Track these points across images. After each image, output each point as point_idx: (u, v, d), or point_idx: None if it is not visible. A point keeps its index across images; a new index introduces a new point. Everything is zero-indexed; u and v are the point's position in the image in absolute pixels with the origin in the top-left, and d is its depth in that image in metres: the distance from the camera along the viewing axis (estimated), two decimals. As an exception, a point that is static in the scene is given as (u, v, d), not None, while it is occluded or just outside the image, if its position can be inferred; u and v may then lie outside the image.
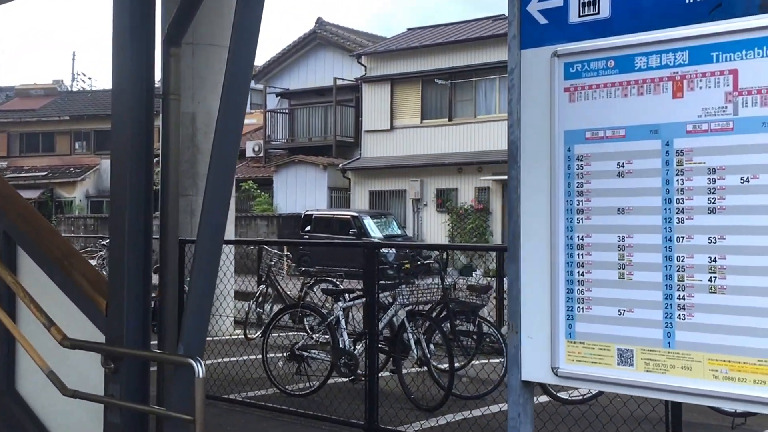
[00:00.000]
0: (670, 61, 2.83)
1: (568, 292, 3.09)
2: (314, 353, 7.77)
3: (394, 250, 24.42)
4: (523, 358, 3.21)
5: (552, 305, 3.11)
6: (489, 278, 23.20)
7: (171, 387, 3.86)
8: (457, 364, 7.51)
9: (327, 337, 7.82)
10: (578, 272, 3.06)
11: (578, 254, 3.06)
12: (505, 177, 23.09)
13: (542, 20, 3.16)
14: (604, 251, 2.99)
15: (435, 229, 27.42)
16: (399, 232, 26.16)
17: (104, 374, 4.14)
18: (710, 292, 2.74)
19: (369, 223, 25.49)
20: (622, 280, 2.95)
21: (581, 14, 3.05)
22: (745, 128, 2.67)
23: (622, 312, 2.95)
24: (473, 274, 23.81)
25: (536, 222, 3.17)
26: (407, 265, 23.32)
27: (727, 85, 2.71)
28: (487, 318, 8.66)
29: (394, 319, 7.41)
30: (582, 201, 3.05)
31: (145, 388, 4.18)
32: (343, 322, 7.59)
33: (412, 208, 28.10)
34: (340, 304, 7.59)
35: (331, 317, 7.66)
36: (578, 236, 3.06)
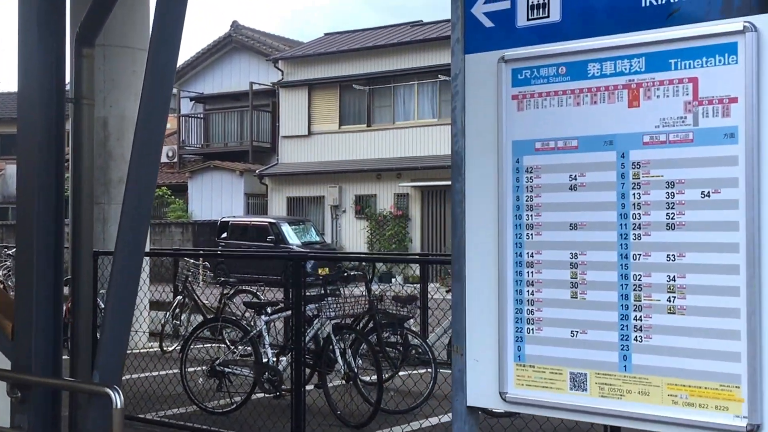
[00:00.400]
0: (626, 69, 2.68)
1: (516, 312, 2.91)
2: (236, 369, 7.44)
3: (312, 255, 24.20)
4: (468, 382, 3.01)
5: (500, 326, 2.93)
6: (409, 284, 23.13)
7: (85, 415, 3.53)
8: (384, 375, 7.30)
9: (249, 348, 7.51)
10: (528, 291, 2.88)
11: (528, 272, 2.89)
12: (424, 183, 23.11)
13: (488, 23, 2.97)
14: (556, 269, 2.82)
15: (354, 235, 27.20)
16: (317, 239, 25.85)
17: (11, 403, 3.77)
18: (669, 313, 2.60)
19: (287, 230, 25.11)
20: (574, 300, 2.78)
21: (530, 18, 2.88)
22: (706, 140, 2.53)
23: (575, 333, 2.78)
24: (392, 281, 23.72)
25: (483, 238, 2.98)
26: (326, 271, 23.02)
27: (687, 94, 2.57)
28: (413, 329, 8.49)
29: (320, 332, 7.15)
30: (532, 216, 2.87)
31: (56, 417, 3.82)
32: (266, 336, 7.29)
33: (330, 215, 27.82)
34: (263, 317, 7.29)
35: (254, 331, 7.35)
36: (528, 253, 2.88)
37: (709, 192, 2.53)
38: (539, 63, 2.85)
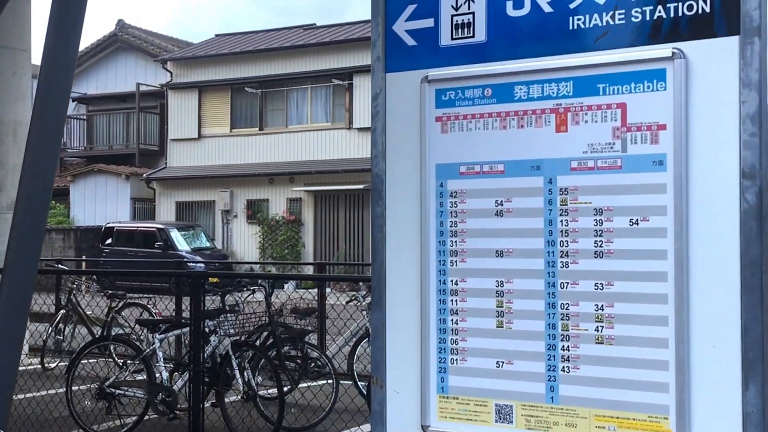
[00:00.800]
0: (553, 92, 2.61)
1: (440, 342, 2.80)
2: (127, 390, 7.09)
3: (202, 263, 23.64)
4: (388, 415, 2.89)
5: (422, 356, 2.81)
6: (303, 291, 22.89)
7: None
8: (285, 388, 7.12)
9: (141, 367, 7.17)
10: (452, 320, 2.78)
11: (452, 300, 2.78)
12: (318, 188, 23.05)
13: (411, 41, 2.86)
14: (481, 297, 2.73)
15: (245, 241, 26.77)
16: (208, 244, 25.32)
17: None
18: (597, 343, 2.54)
19: (176, 236, 24.49)
20: (500, 329, 2.70)
21: (454, 37, 2.78)
22: (634, 167, 2.49)
23: (501, 364, 2.70)
24: (284, 287, 23.44)
25: (404, 264, 2.86)
26: (215, 279, 22.55)
27: (615, 120, 2.52)
28: (312, 341, 8.34)
29: (218, 349, 6.89)
30: (456, 242, 2.77)
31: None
32: (160, 354, 6.97)
33: (221, 220, 27.30)
34: (157, 335, 6.96)
35: (147, 350, 7.02)
36: (452, 281, 2.78)
37: (637, 220, 2.48)
38: (464, 84, 2.76)
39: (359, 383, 8.03)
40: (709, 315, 2.38)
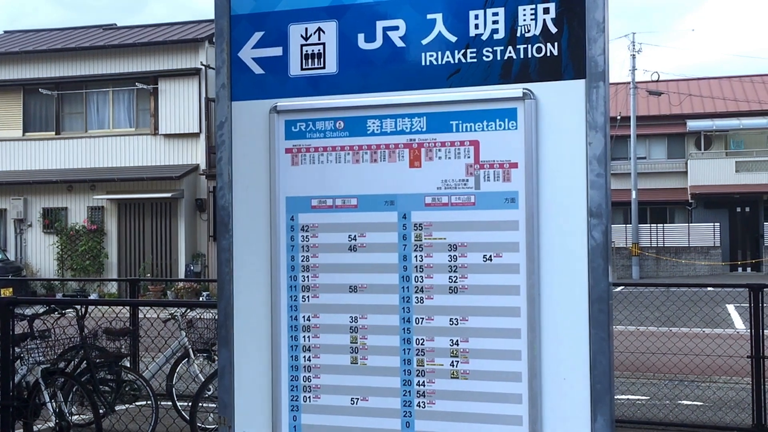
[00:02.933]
0: (407, 127, 2.61)
1: (292, 380, 2.72)
2: None
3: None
4: (238, 457, 2.77)
5: (273, 395, 2.73)
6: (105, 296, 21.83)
7: None
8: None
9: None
10: (304, 357, 2.71)
11: (304, 336, 2.72)
12: (121, 196, 21.92)
13: (258, 70, 2.76)
14: (335, 333, 2.68)
15: (42, 251, 25.17)
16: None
17: None
18: (452, 378, 2.56)
19: (-38, 247, 22.60)
20: (355, 366, 2.66)
21: (304, 67, 2.72)
22: (488, 203, 2.53)
23: (356, 401, 2.66)
24: (89, 296, 22.27)
25: (253, 300, 2.76)
26: (9, 291, 20.99)
27: (468, 157, 2.55)
28: (127, 365, 7.94)
29: (26, 378, 6.39)
30: (308, 277, 2.71)
31: None
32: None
33: (14, 229, 25.49)
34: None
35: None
36: (304, 316, 2.72)
37: (491, 256, 2.53)
38: (315, 116, 2.70)
39: (178, 404, 7.74)
40: (559, 349, 2.46)
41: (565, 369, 2.45)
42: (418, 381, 2.60)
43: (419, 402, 2.60)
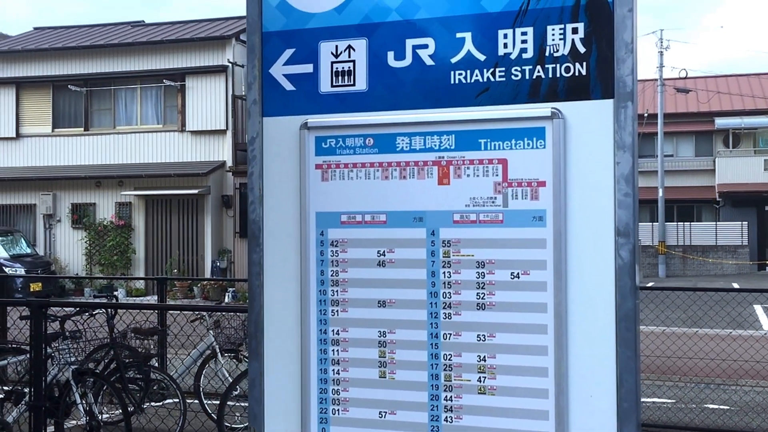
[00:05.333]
0: (436, 145, 2.64)
1: (321, 392, 2.77)
2: (-48, 425, 6.56)
3: (22, 269, 22.29)
4: (267, 467, 2.82)
5: (302, 408, 2.77)
6: (134, 298, 22.04)
7: None
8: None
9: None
10: (333, 370, 2.75)
11: (333, 350, 2.76)
12: (148, 192, 22.20)
13: (289, 86, 2.80)
14: (363, 347, 2.72)
15: (70, 246, 25.47)
16: (28, 251, 23.90)
17: None
18: (479, 393, 2.59)
19: (-7, 242, 22.94)
20: (383, 380, 2.70)
21: (334, 84, 2.75)
22: (515, 221, 2.56)
23: (384, 414, 2.70)
24: (114, 294, 22.50)
25: (283, 313, 2.80)
26: (38, 286, 21.26)
27: (497, 175, 2.58)
28: (155, 364, 8.05)
29: (58, 378, 6.50)
30: (338, 291, 2.75)
31: None
32: (-9, 385, 6.50)
33: (43, 225, 25.82)
34: (-13, 364, 6.48)
35: (-25, 381, 6.52)
36: (333, 330, 2.76)
37: (518, 273, 2.55)
38: (345, 132, 2.74)
39: (205, 403, 7.84)
40: (586, 366, 2.48)
41: (592, 386, 2.47)
42: (446, 396, 2.63)
43: (446, 417, 2.63)
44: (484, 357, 2.59)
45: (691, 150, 36.89)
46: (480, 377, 2.59)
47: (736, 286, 26.09)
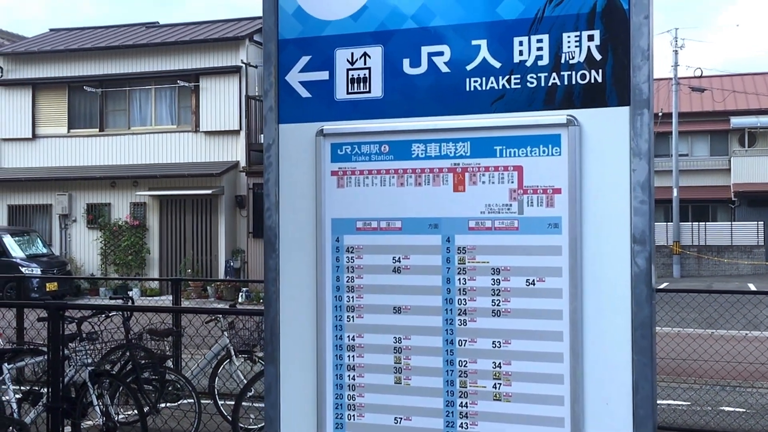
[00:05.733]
0: (451, 152, 2.65)
1: (336, 398, 2.78)
2: (-30, 426, 6.61)
3: (38, 268, 22.43)
4: (283, 471, 2.84)
5: (318, 413, 2.78)
6: (148, 298, 22.12)
7: None
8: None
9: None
10: (348, 376, 2.77)
11: (348, 356, 2.77)
12: (163, 192, 22.28)
13: (305, 93, 2.82)
14: (379, 353, 2.73)
15: (86, 246, 25.64)
16: (44, 250, 24.09)
17: None
18: (495, 400, 2.60)
19: (9, 242, 23.15)
20: (398, 385, 2.71)
21: (350, 91, 2.76)
22: (531, 228, 2.56)
23: (399, 420, 2.71)
24: (129, 294, 22.63)
25: (299, 319, 2.82)
26: (54, 286, 21.37)
27: (512, 182, 2.58)
28: (170, 365, 8.09)
29: (75, 379, 6.55)
30: (353, 297, 2.76)
31: None
32: (9, 384, 6.54)
33: (59, 224, 25.99)
34: (6, 365, 6.53)
35: (-6, 381, 6.57)
36: (348, 336, 2.77)
37: (534, 280, 2.56)
38: (360, 139, 2.75)
39: (219, 404, 7.88)
40: (602, 373, 2.48)
41: (608, 394, 2.47)
42: (461, 402, 2.64)
43: (462, 423, 2.64)
44: (500, 363, 2.59)
45: (706, 149, 36.72)
46: (495, 384, 2.60)
47: (752, 286, 25.97)
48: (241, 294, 21.72)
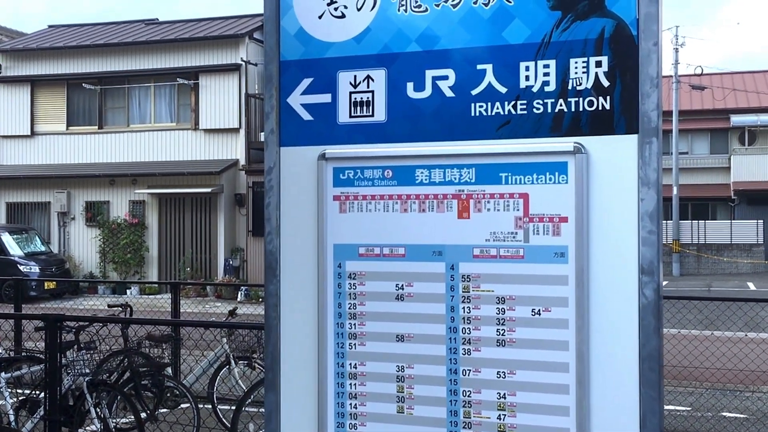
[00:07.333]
0: (455, 178, 2.60)
1: (338, 426, 2.73)
2: (-33, 434, 6.57)
3: (37, 267, 22.39)
4: (283, 500, 2.79)
5: (319, 441, 2.74)
6: (147, 295, 22.06)
7: None
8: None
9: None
10: (350, 404, 2.72)
11: (350, 384, 2.72)
12: (162, 190, 22.19)
13: (306, 116, 2.77)
14: (381, 382, 2.68)
15: (84, 244, 25.58)
16: (43, 248, 24.06)
17: None
18: (499, 431, 2.55)
19: (8, 240, 23.13)
20: (401, 415, 2.66)
21: (353, 114, 2.71)
22: (536, 257, 2.51)
23: (402, 449, 2.66)
24: (127, 293, 22.59)
25: (300, 346, 2.77)
26: (52, 285, 21.29)
27: (518, 210, 2.53)
28: (168, 373, 8.05)
29: (72, 388, 6.50)
30: (355, 324, 2.71)
31: None
32: (6, 394, 6.50)
33: (57, 222, 25.93)
34: (3, 374, 6.49)
35: (-9, 391, 6.53)
36: (350, 364, 2.72)
37: (539, 310, 2.51)
38: (363, 164, 2.70)
39: (218, 409, 7.84)
40: (608, 406, 2.43)
41: (614, 426, 2.42)
42: (465, 432, 2.59)
43: (466, 453, 2.59)
44: (504, 394, 2.55)
45: (706, 147, 36.67)
46: (500, 415, 2.55)
47: (751, 285, 25.95)
48: (240, 292, 21.68)
